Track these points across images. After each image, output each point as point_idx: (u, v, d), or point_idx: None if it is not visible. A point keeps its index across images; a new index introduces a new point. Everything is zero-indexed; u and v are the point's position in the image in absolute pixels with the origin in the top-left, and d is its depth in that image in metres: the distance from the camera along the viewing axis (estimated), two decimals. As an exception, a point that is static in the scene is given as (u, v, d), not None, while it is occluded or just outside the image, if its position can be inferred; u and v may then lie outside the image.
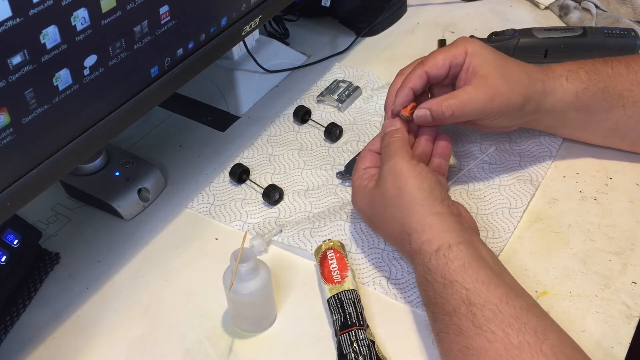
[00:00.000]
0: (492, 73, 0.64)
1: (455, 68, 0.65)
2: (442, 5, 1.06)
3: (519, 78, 0.64)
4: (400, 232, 0.59)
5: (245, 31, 0.73)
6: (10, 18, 0.45)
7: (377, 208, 0.61)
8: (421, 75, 0.65)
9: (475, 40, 0.66)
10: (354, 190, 0.65)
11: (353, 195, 0.65)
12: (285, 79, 0.92)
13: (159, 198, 0.75)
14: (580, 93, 0.67)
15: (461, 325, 0.51)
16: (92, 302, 0.64)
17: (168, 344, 0.60)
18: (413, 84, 0.65)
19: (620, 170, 0.73)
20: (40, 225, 0.72)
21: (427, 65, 0.65)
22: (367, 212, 0.64)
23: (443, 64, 0.65)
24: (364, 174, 0.65)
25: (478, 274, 0.53)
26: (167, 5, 0.59)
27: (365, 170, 0.65)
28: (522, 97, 0.65)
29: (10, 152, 0.50)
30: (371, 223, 0.65)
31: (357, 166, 0.66)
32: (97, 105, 0.57)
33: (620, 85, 0.67)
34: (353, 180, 0.65)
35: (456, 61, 0.65)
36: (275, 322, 0.61)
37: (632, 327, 0.58)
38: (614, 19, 0.97)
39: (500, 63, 0.65)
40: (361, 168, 0.65)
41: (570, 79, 0.67)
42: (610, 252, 0.65)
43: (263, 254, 0.67)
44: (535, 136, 0.77)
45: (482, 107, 0.63)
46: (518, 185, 0.71)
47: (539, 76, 0.66)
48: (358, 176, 0.65)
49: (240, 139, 0.82)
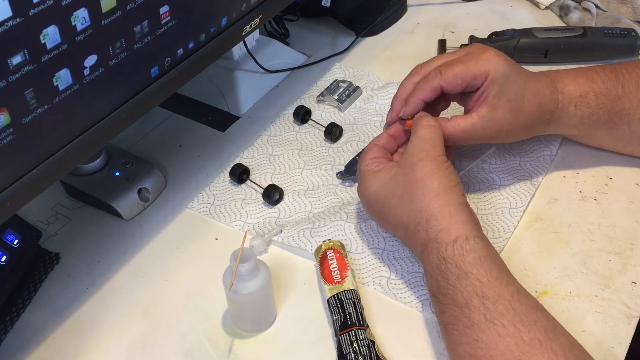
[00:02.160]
0: (504, 107, 0.63)
1: (471, 88, 0.65)
2: (442, 5, 1.06)
3: (529, 113, 0.65)
4: (417, 216, 0.58)
5: (246, 31, 0.73)
6: (11, 18, 0.45)
7: (394, 190, 0.60)
8: (436, 89, 0.64)
9: (499, 62, 0.63)
10: (363, 176, 0.63)
11: (363, 182, 0.63)
12: (285, 79, 0.92)
13: (159, 198, 0.75)
14: (586, 118, 0.67)
15: (472, 317, 0.51)
16: (92, 302, 0.64)
17: (168, 344, 0.60)
18: (426, 97, 0.65)
19: (620, 170, 0.73)
20: (40, 225, 0.72)
21: (444, 80, 0.64)
22: (381, 194, 0.61)
23: (462, 83, 0.64)
24: (373, 162, 0.64)
25: (492, 268, 0.53)
26: (167, 5, 0.59)
27: (374, 159, 0.64)
28: (525, 130, 0.67)
29: (10, 152, 0.50)
30: (383, 206, 0.61)
31: (364, 156, 0.65)
32: (97, 105, 0.57)
33: (628, 104, 0.67)
34: (361, 169, 0.64)
35: (474, 82, 0.64)
36: (275, 322, 0.61)
37: (632, 327, 0.58)
38: (614, 19, 0.97)
39: (515, 96, 0.64)
40: (369, 158, 0.64)
41: (579, 106, 0.67)
42: (610, 252, 0.65)
43: (263, 254, 0.67)
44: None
45: (483, 139, 0.66)
46: (518, 185, 0.71)
47: (549, 107, 0.66)
48: (367, 164, 0.64)
49: (240, 139, 0.82)
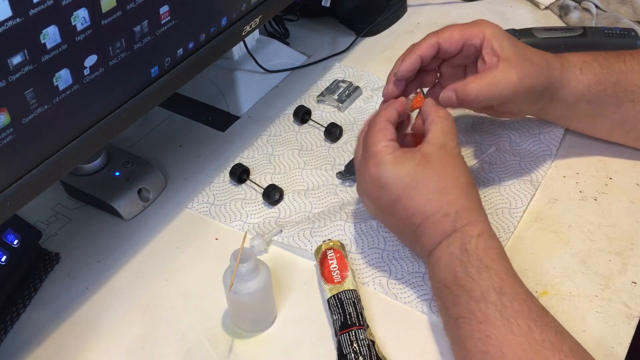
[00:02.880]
0: (515, 56, 0.62)
1: (468, 48, 0.63)
2: (442, 5, 1.06)
3: (539, 62, 0.64)
4: (447, 207, 0.57)
5: (246, 31, 0.73)
6: (11, 18, 0.45)
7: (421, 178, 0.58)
8: (433, 45, 0.63)
9: (493, 24, 0.64)
10: (381, 157, 0.59)
11: (381, 164, 0.58)
12: (285, 79, 0.92)
13: (159, 198, 0.75)
14: (593, 86, 0.67)
15: (488, 313, 0.51)
16: (92, 302, 0.64)
17: (168, 344, 0.60)
18: (422, 52, 0.63)
19: (620, 170, 0.73)
20: (40, 225, 0.72)
21: (441, 37, 0.63)
22: (403, 180, 0.58)
23: (458, 39, 0.62)
24: (389, 145, 0.59)
25: (510, 267, 0.54)
26: (167, 5, 0.59)
27: (391, 142, 0.60)
28: (544, 81, 0.64)
29: (10, 152, 0.50)
30: (403, 192, 0.58)
31: (377, 134, 0.60)
32: (97, 105, 0.57)
33: (632, 81, 0.67)
34: (378, 149, 0.59)
35: (471, 42, 0.62)
36: (275, 322, 0.61)
37: (632, 327, 0.58)
38: (614, 19, 0.97)
39: (519, 48, 0.63)
40: (386, 139, 0.59)
41: (584, 70, 0.66)
42: (610, 252, 0.65)
43: (263, 254, 0.67)
44: (535, 136, 0.77)
45: (511, 89, 0.61)
46: (518, 185, 0.71)
47: (556, 64, 0.65)
48: (385, 145, 0.59)
49: (240, 139, 0.82)
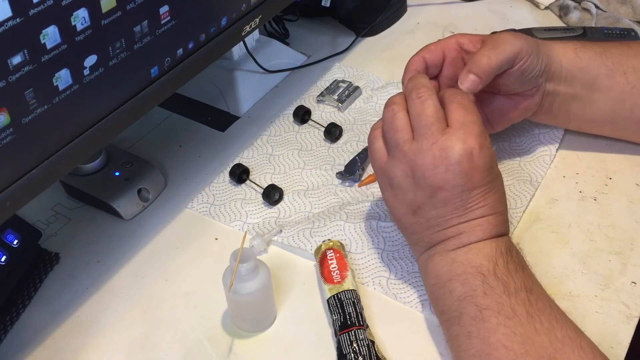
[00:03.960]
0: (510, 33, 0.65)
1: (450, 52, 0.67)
2: (442, 5, 1.06)
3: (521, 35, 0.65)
4: (504, 206, 0.57)
5: (245, 31, 0.73)
6: (10, 18, 0.45)
7: (494, 175, 0.56)
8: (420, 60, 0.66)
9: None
10: (486, 144, 0.55)
11: (482, 150, 0.54)
12: (285, 79, 0.92)
13: (158, 198, 0.75)
14: (579, 50, 0.68)
15: (516, 309, 0.51)
16: (92, 302, 0.64)
17: (168, 344, 0.60)
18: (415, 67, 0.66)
19: (619, 170, 0.73)
20: (40, 225, 0.72)
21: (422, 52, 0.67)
22: (488, 173, 0.55)
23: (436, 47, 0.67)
24: (484, 133, 0.56)
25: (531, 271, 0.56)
26: (167, 5, 0.59)
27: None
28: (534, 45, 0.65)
29: (10, 152, 0.50)
30: (478, 183, 0.55)
31: (474, 108, 0.57)
32: (97, 105, 0.57)
33: (615, 51, 0.69)
34: (482, 131, 0.55)
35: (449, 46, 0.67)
36: (275, 322, 0.61)
37: (632, 327, 0.58)
38: (614, 19, 0.97)
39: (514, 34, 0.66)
40: (481, 120, 0.56)
41: (562, 44, 0.69)
42: (610, 252, 0.65)
43: (263, 254, 0.67)
44: (535, 136, 0.77)
45: (513, 45, 0.62)
46: (518, 185, 0.71)
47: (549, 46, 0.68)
48: (483, 131, 0.55)
49: (240, 139, 0.82)
